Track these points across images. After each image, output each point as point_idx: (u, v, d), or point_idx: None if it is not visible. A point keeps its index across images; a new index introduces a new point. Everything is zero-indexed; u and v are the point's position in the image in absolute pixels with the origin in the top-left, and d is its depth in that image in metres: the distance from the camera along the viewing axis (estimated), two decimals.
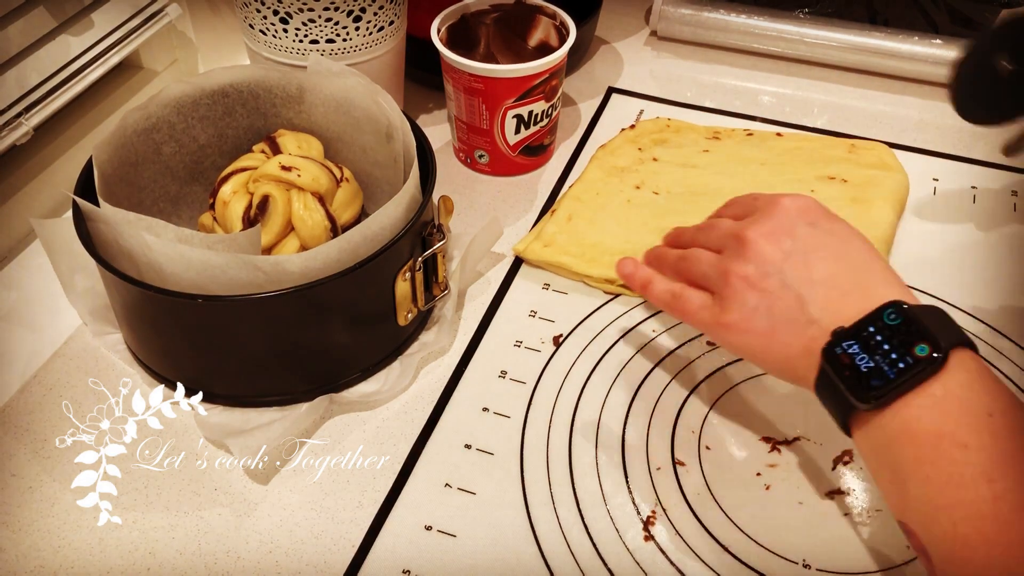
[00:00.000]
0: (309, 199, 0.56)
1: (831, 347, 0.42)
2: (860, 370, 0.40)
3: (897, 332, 0.40)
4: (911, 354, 0.39)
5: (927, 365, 0.39)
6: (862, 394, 0.40)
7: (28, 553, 0.48)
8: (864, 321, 0.41)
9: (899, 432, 0.39)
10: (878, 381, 0.40)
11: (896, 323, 0.41)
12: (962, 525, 0.37)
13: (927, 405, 0.39)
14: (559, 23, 0.71)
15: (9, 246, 0.66)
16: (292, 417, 0.52)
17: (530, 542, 0.48)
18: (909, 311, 0.41)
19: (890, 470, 0.40)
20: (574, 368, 0.57)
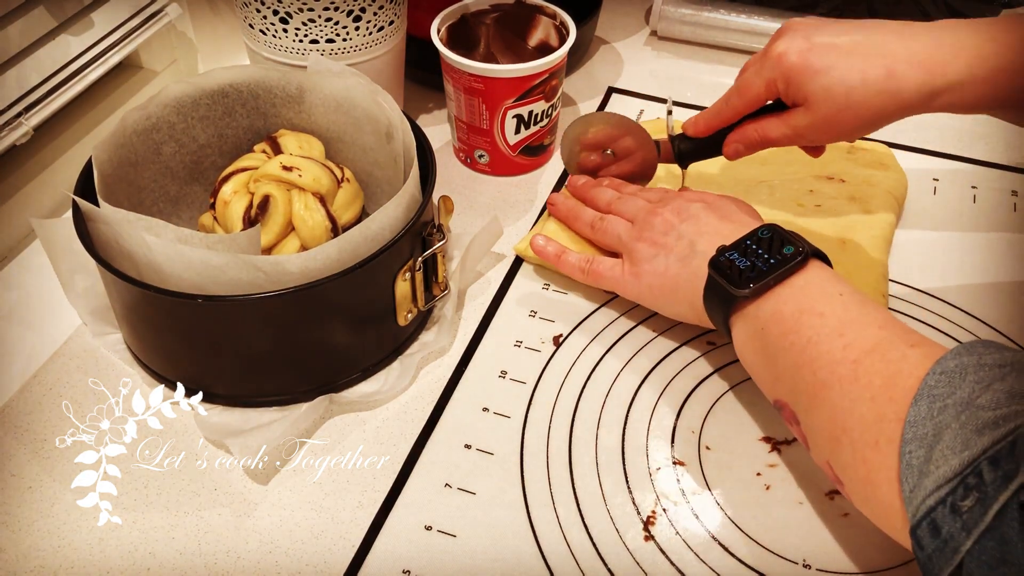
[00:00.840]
0: (310, 199, 0.56)
1: (716, 257, 0.50)
2: (739, 267, 0.49)
3: (769, 242, 0.49)
4: (780, 253, 0.48)
5: (792, 260, 0.48)
6: (741, 284, 0.48)
7: (28, 553, 0.48)
8: (743, 238, 0.50)
9: (769, 316, 0.48)
10: (753, 273, 0.48)
11: (767, 236, 0.50)
12: (821, 372, 0.44)
13: (791, 293, 0.48)
14: (559, 23, 0.71)
15: (9, 246, 0.66)
16: (292, 417, 0.52)
17: (530, 542, 0.48)
18: (779, 229, 0.50)
19: (762, 352, 0.48)
20: (574, 368, 0.57)
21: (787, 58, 0.53)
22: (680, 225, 0.55)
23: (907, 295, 0.62)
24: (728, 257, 0.50)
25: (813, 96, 0.53)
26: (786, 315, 0.47)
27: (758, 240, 0.50)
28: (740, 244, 0.50)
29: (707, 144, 0.61)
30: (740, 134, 0.59)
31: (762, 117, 0.57)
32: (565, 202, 0.64)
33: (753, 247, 0.50)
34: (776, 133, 0.57)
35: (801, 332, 0.46)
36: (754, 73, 0.56)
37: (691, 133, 0.61)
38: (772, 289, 0.48)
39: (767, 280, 0.48)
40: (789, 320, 0.47)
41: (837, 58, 0.52)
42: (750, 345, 0.49)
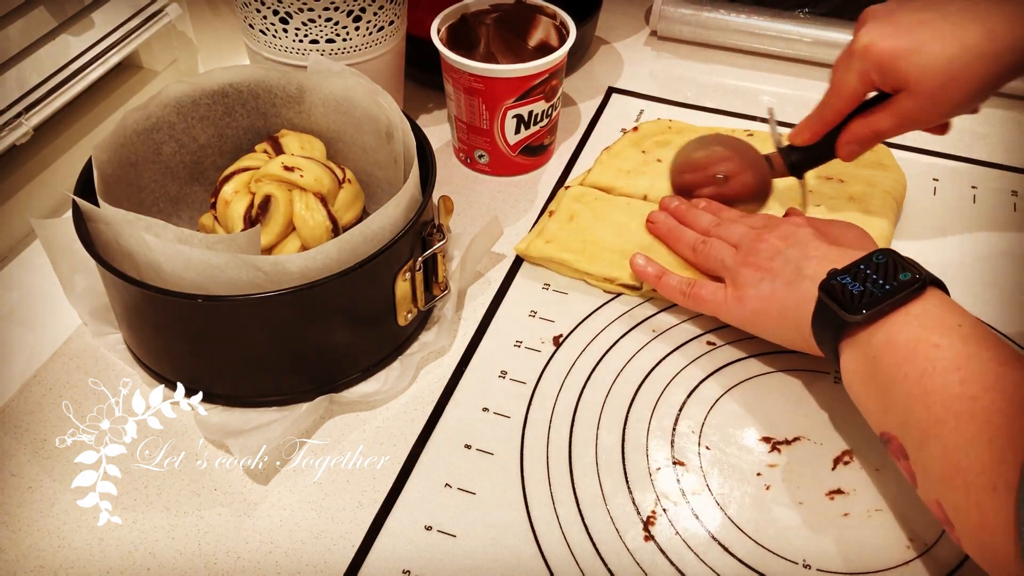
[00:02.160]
0: (311, 199, 0.56)
1: (827, 281, 0.48)
2: (852, 292, 0.47)
3: (884, 267, 0.47)
4: (896, 279, 0.46)
5: (909, 287, 0.45)
6: (853, 308, 0.46)
7: (28, 553, 0.48)
8: (856, 262, 0.48)
9: (883, 344, 0.45)
10: (867, 299, 0.46)
11: (883, 261, 0.47)
12: (935, 407, 0.41)
13: (907, 321, 0.45)
14: (559, 23, 0.71)
15: (9, 246, 0.66)
16: (292, 417, 0.52)
17: (530, 542, 0.48)
18: (895, 254, 0.48)
19: (872, 382, 0.46)
20: (574, 368, 0.57)
21: (875, 47, 0.52)
22: (787, 250, 0.53)
23: None
24: (840, 281, 0.47)
25: (912, 77, 0.52)
26: (900, 344, 0.44)
27: (873, 265, 0.47)
28: (853, 268, 0.48)
29: (818, 150, 0.60)
30: (851, 134, 0.58)
31: (869, 112, 0.56)
32: (666, 221, 0.63)
33: (867, 271, 0.47)
34: (886, 124, 0.56)
35: (916, 363, 0.43)
36: (844, 70, 0.55)
37: (799, 143, 0.60)
38: (887, 316, 0.45)
39: (882, 306, 0.45)
40: (903, 349, 0.44)
41: (928, 33, 0.51)
42: (860, 374, 0.47)
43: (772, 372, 0.57)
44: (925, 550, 0.48)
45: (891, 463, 0.51)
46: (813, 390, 0.56)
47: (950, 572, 0.47)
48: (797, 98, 0.82)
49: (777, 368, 0.57)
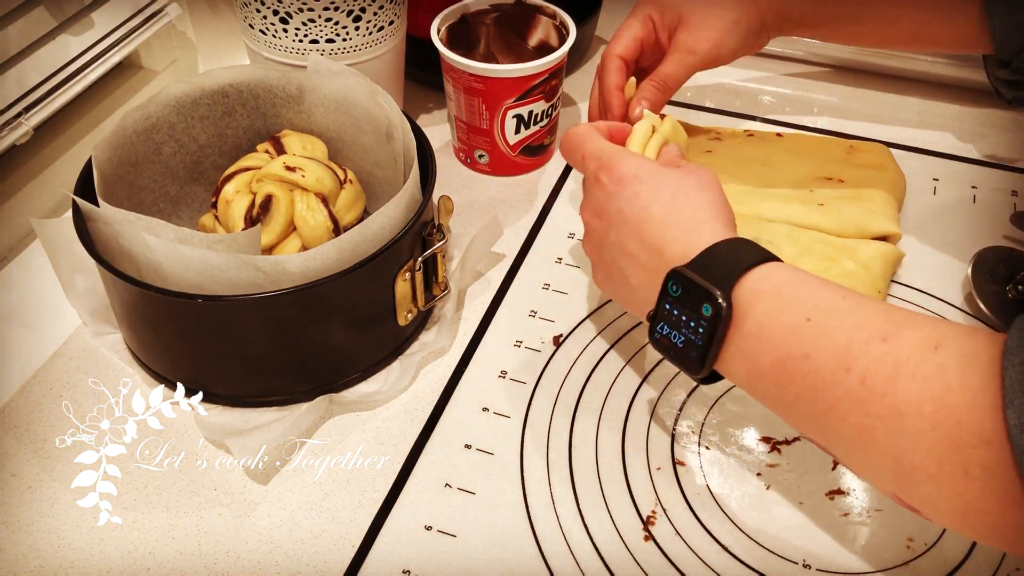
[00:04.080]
0: (312, 200, 0.56)
1: (652, 335, 0.45)
2: (678, 346, 0.44)
3: (684, 301, 0.43)
4: (703, 318, 0.42)
5: (718, 320, 0.41)
6: (692, 369, 0.44)
7: (28, 553, 0.48)
8: (660, 300, 0.44)
9: (749, 374, 0.42)
10: (695, 353, 0.43)
11: (679, 294, 0.43)
12: (851, 417, 0.38)
13: (751, 345, 0.41)
14: (559, 23, 0.71)
15: (9, 246, 0.66)
16: (292, 417, 0.52)
17: (530, 542, 0.48)
18: (684, 277, 0.43)
19: (767, 402, 0.43)
20: (574, 368, 0.57)
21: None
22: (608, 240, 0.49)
23: (907, 295, 0.62)
24: (662, 333, 0.44)
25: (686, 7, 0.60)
26: (766, 369, 0.41)
27: (674, 301, 0.43)
28: (662, 312, 0.44)
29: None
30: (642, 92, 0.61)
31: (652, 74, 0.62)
32: None
33: (675, 313, 0.43)
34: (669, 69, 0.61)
35: (798, 382, 0.39)
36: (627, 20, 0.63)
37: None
38: (724, 355, 0.42)
39: (709, 355, 0.42)
40: (775, 373, 0.40)
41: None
42: (750, 394, 0.44)
43: None
44: (925, 550, 0.48)
45: None
46: None
47: (950, 572, 0.47)
48: (797, 98, 0.82)
49: None
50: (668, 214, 0.46)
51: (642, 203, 0.47)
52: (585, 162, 0.52)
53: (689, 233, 0.45)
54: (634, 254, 0.47)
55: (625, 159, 0.49)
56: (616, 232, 0.48)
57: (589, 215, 0.51)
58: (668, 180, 0.47)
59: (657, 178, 0.48)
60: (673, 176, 0.48)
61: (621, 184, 0.48)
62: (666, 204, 0.46)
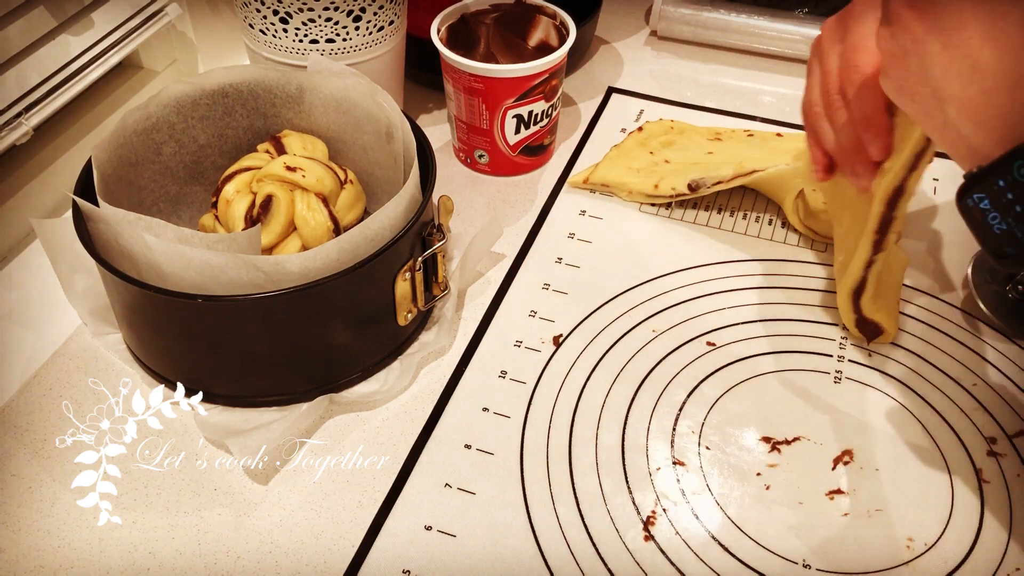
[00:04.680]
0: (313, 200, 0.56)
1: (963, 195, 0.37)
2: (993, 231, 0.36)
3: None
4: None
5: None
6: (999, 257, 0.37)
7: (28, 553, 0.48)
8: (993, 171, 0.35)
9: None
10: (1012, 249, 0.36)
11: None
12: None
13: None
14: (559, 23, 0.71)
15: (9, 246, 0.66)
16: (292, 417, 0.52)
17: (530, 542, 0.48)
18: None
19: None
20: (574, 368, 0.57)
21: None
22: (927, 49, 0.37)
23: (907, 295, 0.62)
24: (979, 204, 0.36)
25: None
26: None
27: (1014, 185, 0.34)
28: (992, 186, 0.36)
29: None
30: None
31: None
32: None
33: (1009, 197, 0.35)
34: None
35: None
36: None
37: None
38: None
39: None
40: None
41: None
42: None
43: (772, 372, 0.57)
44: (925, 550, 0.48)
45: (891, 463, 0.52)
46: (813, 390, 0.56)
47: (950, 572, 0.47)
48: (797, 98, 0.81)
49: (777, 368, 0.57)
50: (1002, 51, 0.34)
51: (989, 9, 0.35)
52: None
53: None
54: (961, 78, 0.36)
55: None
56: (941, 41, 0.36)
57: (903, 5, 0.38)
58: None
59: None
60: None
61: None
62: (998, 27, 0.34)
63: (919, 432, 0.53)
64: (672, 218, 0.68)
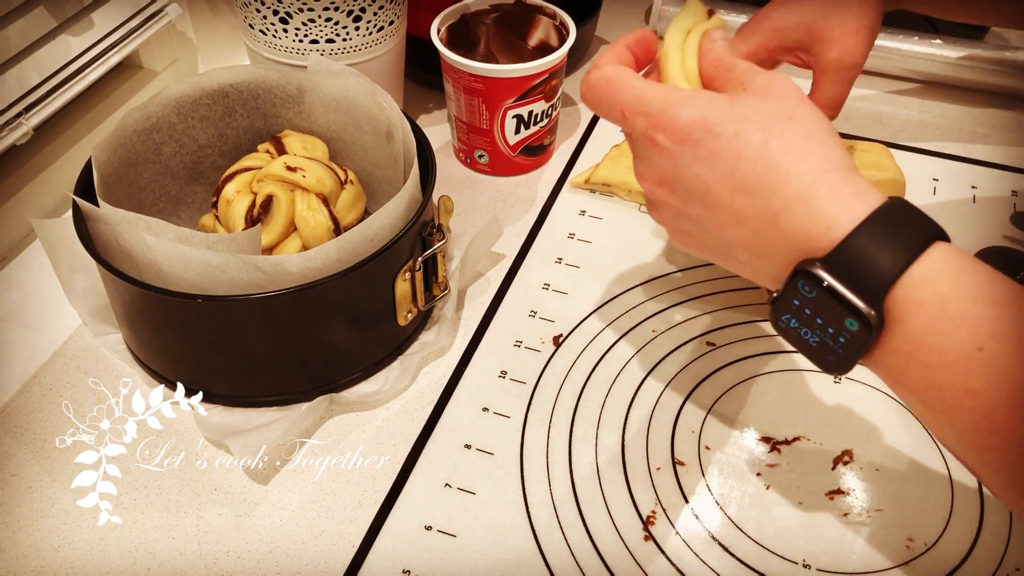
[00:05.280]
0: (313, 200, 0.56)
1: (776, 319, 0.39)
2: (811, 344, 0.38)
3: (820, 305, 0.36)
4: (845, 330, 0.36)
5: (866, 335, 0.35)
6: (826, 367, 0.38)
7: (28, 553, 0.48)
8: (786, 293, 0.37)
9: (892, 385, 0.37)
10: (832, 357, 0.37)
11: (813, 296, 0.36)
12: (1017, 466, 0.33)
13: (900, 362, 0.35)
14: (559, 23, 0.71)
15: (9, 246, 0.66)
16: (292, 417, 0.52)
17: (530, 542, 0.48)
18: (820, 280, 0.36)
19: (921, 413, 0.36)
20: (574, 368, 0.57)
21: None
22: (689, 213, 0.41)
23: None
24: (791, 326, 0.38)
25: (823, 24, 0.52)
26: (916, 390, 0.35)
27: (806, 301, 0.36)
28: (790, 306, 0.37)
29: None
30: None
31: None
32: None
33: (807, 312, 0.37)
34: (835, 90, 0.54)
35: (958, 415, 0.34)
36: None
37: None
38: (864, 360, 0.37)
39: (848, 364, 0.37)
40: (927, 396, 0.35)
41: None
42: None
43: (772, 372, 0.57)
44: (925, 550, 0.48)
45: (891, 463, 0.52)
46: (813, 390, 0.56)
47: (950, 572, 0.47)
48: None
49: (777, 368, 0.57)
50: (765, 171, 0.37)
51: (726, 164, 0.38)
52: (628, 120, 0.41)
53: (805, 199, 0.36)
54: (730, 228, 0.39)
55: (681, 107, 0.39)
56: (700, 205, 0.39)
57: (653, 184, 0.42)
58: (748, 122, 0.38)
59: (734, 123, 0.38)
60: (752, 112, 0.38)
61: (688, 143, 0.39)
62: (757, 159, 0.37)
63: (919, 432, 0.53)
64: None
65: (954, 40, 0.80)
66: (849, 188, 0.36)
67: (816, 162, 0.37)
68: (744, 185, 0.37)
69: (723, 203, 0.38)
